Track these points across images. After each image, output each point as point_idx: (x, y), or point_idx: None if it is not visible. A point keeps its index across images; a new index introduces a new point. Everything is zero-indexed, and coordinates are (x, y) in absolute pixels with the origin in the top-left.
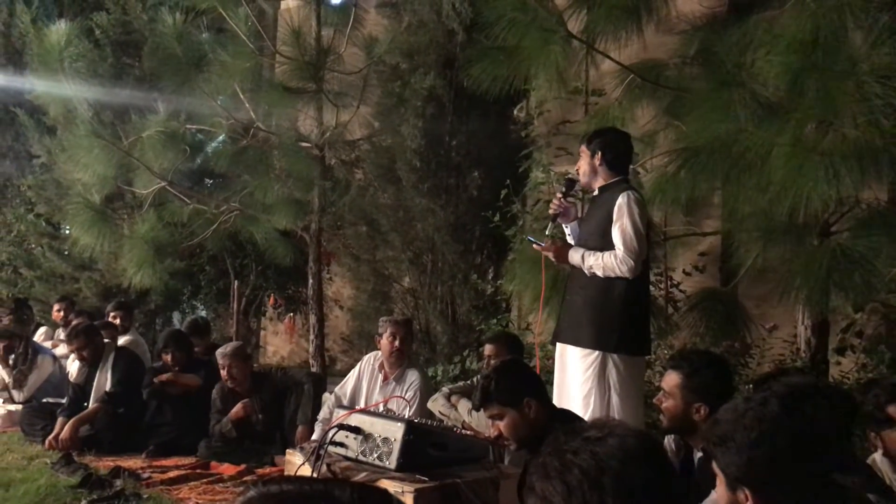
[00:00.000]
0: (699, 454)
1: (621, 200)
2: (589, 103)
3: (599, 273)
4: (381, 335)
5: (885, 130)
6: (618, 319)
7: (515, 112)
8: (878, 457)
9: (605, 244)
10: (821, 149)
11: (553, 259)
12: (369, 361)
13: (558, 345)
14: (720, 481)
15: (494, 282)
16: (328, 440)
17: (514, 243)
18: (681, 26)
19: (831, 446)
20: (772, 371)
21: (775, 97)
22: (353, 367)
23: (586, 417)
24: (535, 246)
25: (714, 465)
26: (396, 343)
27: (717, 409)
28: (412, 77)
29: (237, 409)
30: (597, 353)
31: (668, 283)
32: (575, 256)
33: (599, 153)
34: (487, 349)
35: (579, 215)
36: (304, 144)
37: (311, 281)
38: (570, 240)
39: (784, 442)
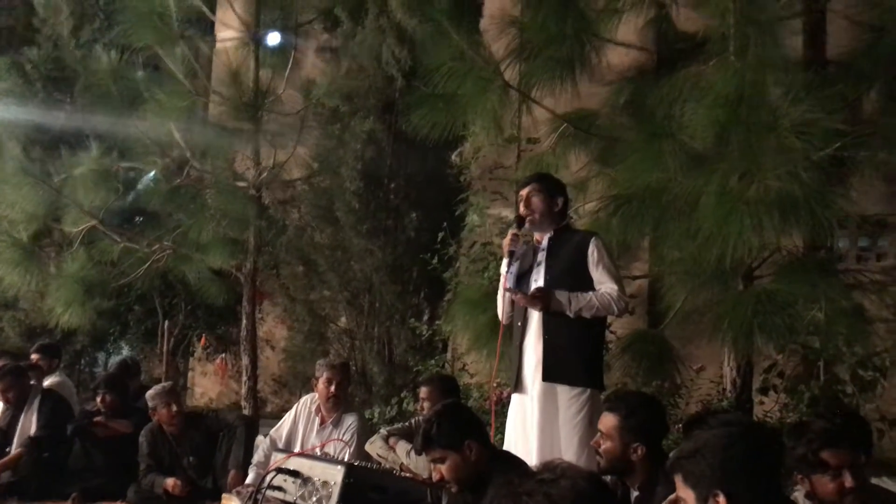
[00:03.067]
0: (636, 493)
1: (597, 243)
2: (522, 150)
3: (589, 314)
4: (317, 378)
5: (804, 182)
6: (598, 357)
7: (453, 157)
8: (800, 497)
9: (581, 285)
10: (746, 198)
11: (537, 307)
12: (306, 404)
13: (540, 386)
14: (688, 499)
15: (431, 323)
16: (266, 484)
17: (451, 285)
18: (611, 77)
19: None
20: (700, 411)
21: (703, 148)
22: (284, 409)
23: (584, 459)
24: (517, 297)
25: (679, 485)
26: (333, 388)
27: (653, 449)
28: (351, 120)
29: (170, 484)
30: (588, 391)
31: None
32: (560, 299)
33: (561, 198)
34: (423, 391)
35: (519, 256)
36: (239, 184)
37: (244, 321)
38: (508, 280)
39: (752, 443)
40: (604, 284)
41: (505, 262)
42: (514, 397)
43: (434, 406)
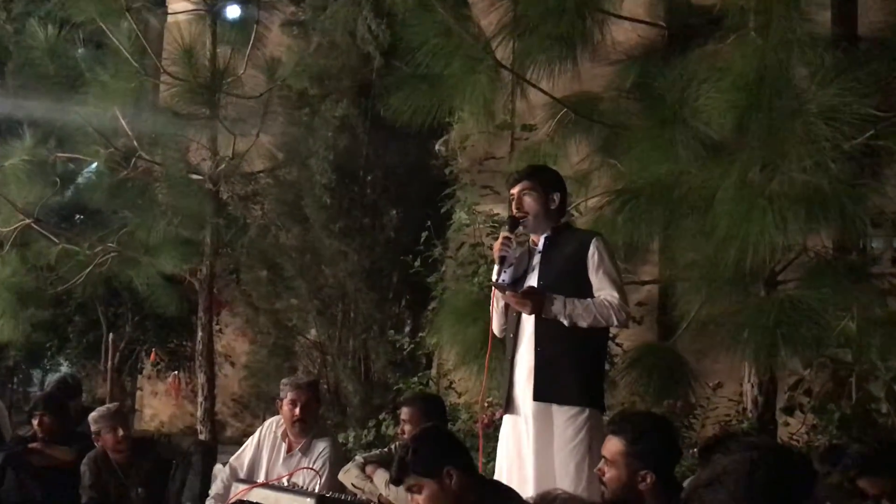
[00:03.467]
0: None
1: (598, 244)
2: (516, 138)
3: (585, 323)
4: (282, 399)
5: (833, 175)
6: (598, 373)
7: (437, 146)
8: None
9: (579, 292)
10: (768, 193)
11: (527, 309)
12: (270, 428)
13: (533, 406)
14: None
15: (414, 335)
16: None
17: (436, 291)
18: (617, 56)
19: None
20: (718, 433)
21: (720, 136)
22: (246, 433)
23: (584, 489)
24: (506, 293)
25: None
26: (297, 411)
27: (664, 477)
28: (322, 104)
29: None
30: (587, 411)
31: None
32: (555, 303)
33: (558, 195)
34: (404, 412)
35: (514, 260)
36: (195, 177)
37: (199, 333)
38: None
39: (778, 469)
40: (603, 291)
41: (496, 269)
42: (507, 419)
43: (416, 429)
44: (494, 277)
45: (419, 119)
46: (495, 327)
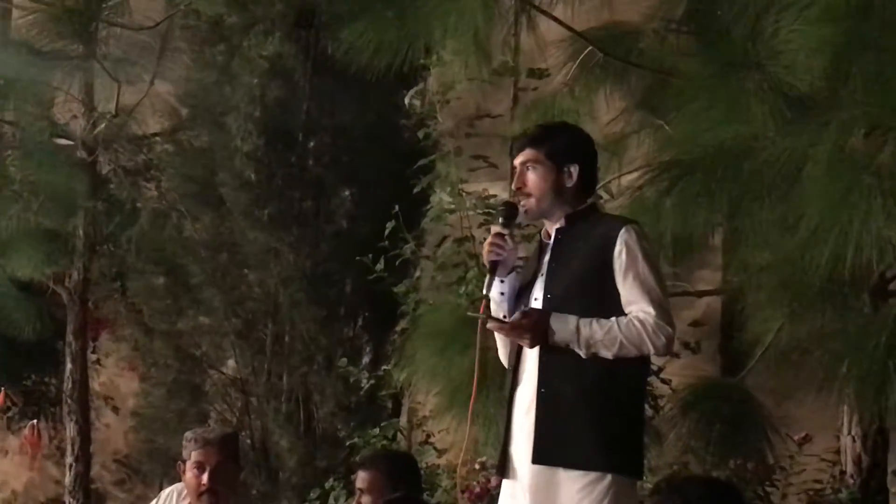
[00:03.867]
0: None
1: (627, 236)
2: (521, 88)
3: (610, 353)
4: (185, 461)
5: None
6: (630, 423)
7: (408, 99)
8: None
9: (601, 307)
10: (875, 166)
11: (526, 341)
12: (170, 499)
13: (531, 471)
14: None
15: (375, 367)
16: None
17: (407, 306)
18: None
19: None
20: None
21: (808, 88)
22: None
23: None
24: (491, 325)
25: None
26: (205, 479)
27: None
28: (244, 39)
29: None
30: (609, 477)
31: None
32: (564, 325)
33: (576, 167)
34: (361, 479)
35: (519, 263)
36: (62, 142)
37: (68, 366)
38: (499, 301)
39: None
40: (634, 305)
41: (487, 281)
42: (505, 485)
43: (378, 502)
44: (486, 292)
45: (383, 60)
46: (501, 355)
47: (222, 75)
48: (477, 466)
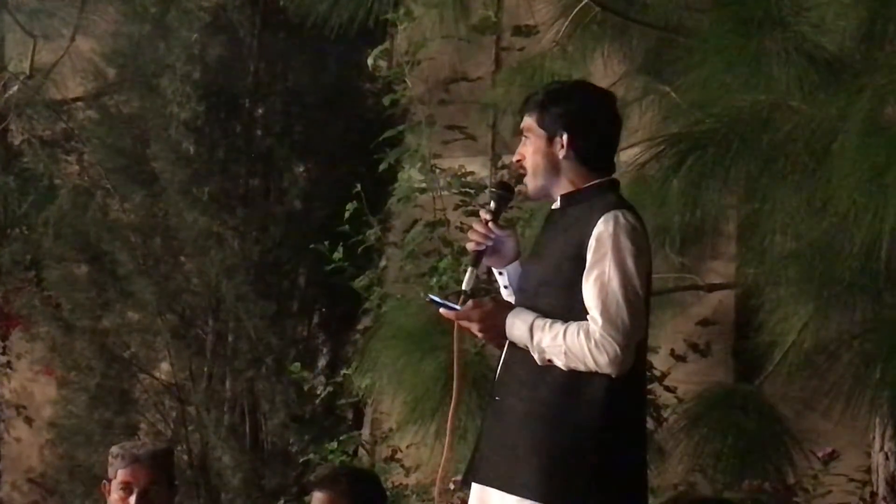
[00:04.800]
0: None
1: (602, 227)
2: (504, 48)
3: (559, 361)
4: (110, 481)
5: None
6: (591, 449)
7: (372, 60)
8: None
9: (566, 304)
10: None
11: (477, 331)
12: None
13: (475, 489)
14: None
15: (333, 372)
16: None
17: (370, 301)
18: None
19: None
20: None
21: (837, 49)
22: None
23: None
24: (442, 311)
25: None
26: (132, 501)
27: None
28: None
29: None
30: None
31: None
32: (518, 323)
33: (566, 137)
34: (319, 501)
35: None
36: None
37: None
38: (506, 295)
39: None
40: (590, 310)
41: (468, 274)
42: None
43: None
44: (465, 286)
45: (343, 13)
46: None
47: (155, 29)
48: (452, 486)
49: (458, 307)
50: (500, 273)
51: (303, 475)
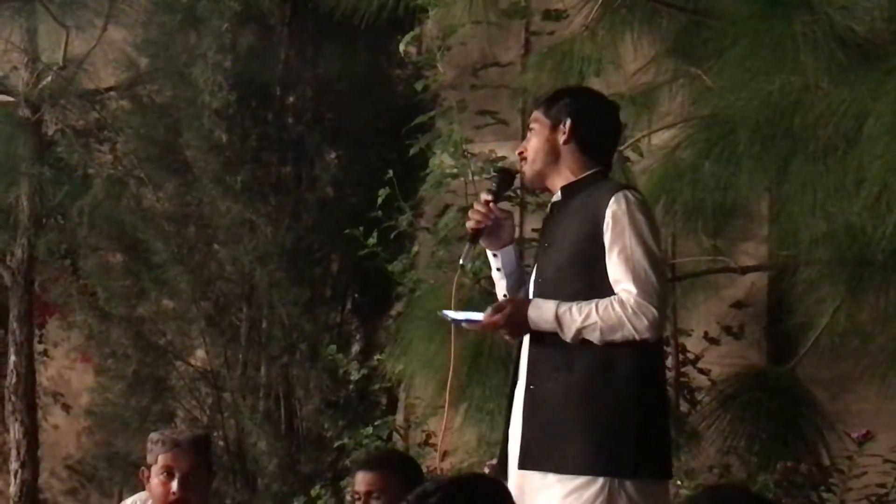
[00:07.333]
0: None
1: (616, 206)
2: (533, 33)
3: (594, 337)
4: (149, 466)
5: None
6: (632, 418)
7: (403, 46)
8: None
9: (588, 284)
10: None
11: (504, 335)
12: None
13: (519, 475)
14: None
15: (367, 357)
16: None
17: (404, 286)
18: None
19: None
20: None
21: (869, 30)
22: None
23: None
24: (464, 325)
25: None
26: (174, 486)
27: None
28: None
29: None
30: (600, 481)
31: (679, 357)
32: (542, 315)
33: (569, 122)
34: (366, 481)
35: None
36: (0, 98)
37: (11, 357)
38: (497, 278)
39: None
40: (620, 284)
41: (465, 250)
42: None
43: None
44: (462, 261)
45: (371, 1)
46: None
47: (186, 19)
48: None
49: (479, 319)
50: (495, 255)
51: (337, 460)
